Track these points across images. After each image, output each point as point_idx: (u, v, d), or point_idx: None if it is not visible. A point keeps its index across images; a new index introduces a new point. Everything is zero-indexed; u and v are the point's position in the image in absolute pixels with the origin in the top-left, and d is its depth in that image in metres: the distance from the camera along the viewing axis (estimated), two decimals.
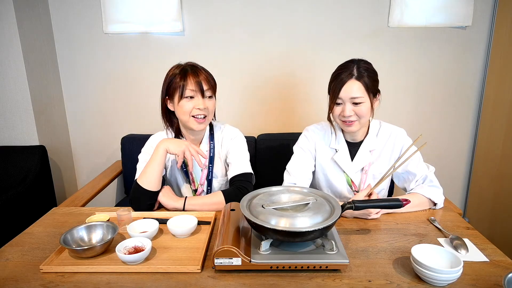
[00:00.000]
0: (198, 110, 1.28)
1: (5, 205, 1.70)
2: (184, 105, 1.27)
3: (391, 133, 1.36)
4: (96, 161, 2.38)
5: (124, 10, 2.08)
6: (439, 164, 2.33)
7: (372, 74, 1.25)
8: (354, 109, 1.23)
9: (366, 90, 1.22)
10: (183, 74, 1.27)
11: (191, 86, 1.26)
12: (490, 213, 2.18)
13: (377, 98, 1.29)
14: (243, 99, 2.22)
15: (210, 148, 1.41)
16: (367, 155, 1.34)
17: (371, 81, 1.23)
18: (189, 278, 0.88)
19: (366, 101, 1.23)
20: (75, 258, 0.95)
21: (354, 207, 1.01)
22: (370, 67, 1.26)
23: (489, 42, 2.10)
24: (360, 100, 1.22)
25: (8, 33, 1.88)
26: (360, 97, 1.21)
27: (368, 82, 1.22)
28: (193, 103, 1.27)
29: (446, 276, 0.81)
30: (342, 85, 1.22)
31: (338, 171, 1.37)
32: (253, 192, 1.05)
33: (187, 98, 1.27)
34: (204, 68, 1.34)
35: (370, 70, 1.24)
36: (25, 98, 1.97)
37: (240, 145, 1.43)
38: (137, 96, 2.25)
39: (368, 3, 2.07)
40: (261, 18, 2.10)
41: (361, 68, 1.23)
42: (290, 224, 0.87)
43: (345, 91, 1.22)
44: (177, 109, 1.30)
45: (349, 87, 1.21)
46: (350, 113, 1.23)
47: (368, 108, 1.24)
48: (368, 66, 1.25)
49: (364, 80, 1.21)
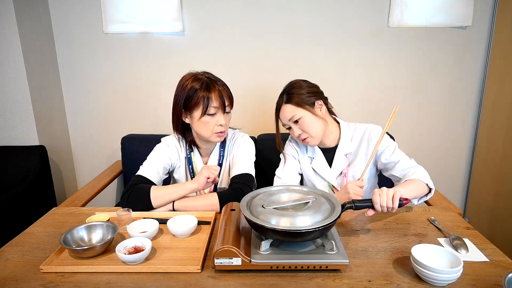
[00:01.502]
0: (220, 127, 1.28)
1: (5, 205, 1.70)
2: (207, 121, 1.26)
3: (365, 131, 1.36)
4: (96, 161, 2.38)
5: (124, 10, 2.08)
6: (439, 164, 2.34)
7: (300, 89, 1.31)
8: (299, 127, 1.31)
9: (299, 106, 1.29)
10: (206, 89, 1.23)
11: (215, 104, 1.24)
12: (490, 213, 2.18)
13: (317, 105, 1.33)
14: (243, 99, 2.22)
15: (219, 156, 1.42)
16: (343, 159, 1.37)
17: (300, 95, 1.30)
18: (189, 278, 0.88)
19: (304, 115, 1.29)
20: (75, 258, 0.95)
21: (354, 206, 1.01)
22: (297, 84, 1.33)
23: (489, 42, 2.10)
24: (297, 117, 1.29)
25: (8, 33, 1.88)
26: (295, 115, 1.29)
27: (297, 98, 1.29)
28: (215, 119, 1.27)
29: (446, 276, 0.81)
30: (279, 112, 1.34)
31: (318, 177, 1.41)
32: (253, 192, 1.05)
33: (210, 115, 1.25)
34: (221, 80, 1.31)
35: (296, 87, 1.32)
36: (25, 98, 1.97)
37: (245, 148, 1.43)
38: (137, 96, 2.25)
39: (368, 3, 2.07)
40: (261, 18, 2.10)
41: (289, 91, 1.32)
42: (290, 223, 0.87)
43: (283, 116, 1.33)
44: (197, 124, 1.28)
45: (283, 112, 1.32)
46: (298, 132, 1.32)
47: (311, 119, 1.30)
48: (294, 85, 1.33)
49: (293, 99, 1.30)
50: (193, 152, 1.40)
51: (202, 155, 1.42)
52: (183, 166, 1.42)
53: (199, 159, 1.40)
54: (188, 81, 1.26)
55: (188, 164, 1.40)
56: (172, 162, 1.41)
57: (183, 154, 1.42)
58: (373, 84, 2.20)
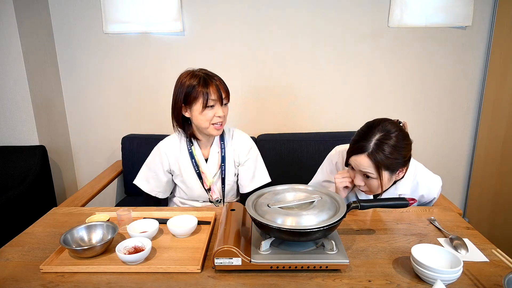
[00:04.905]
0: (218, 118, 1.34)
1: (5, 205, 1.70)
2: (206, 114, 1.32)
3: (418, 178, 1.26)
4: (96, 161, 2.38)
5: (124, 10, 2.08)
6: (439, 164, 2.34)
7: (395, 153, 1.07)
8: (365, 181, 1.14)
9: (380, 168, 1.08)
10: (204, 84, 1.30)
11: (213, 96, 1.30)
12: (490, 213, 2.18)
13: (399, 171, 1.13)
14: (243, 99, 2.23)
15: (221, 149, 1.46)
16: None
17: (389, 159, 1.07)
18: (189, 278, 0.88)
19: (378, 177, 1.10)
20: (75, 258, 0.95)
21: (359, 206, 1.00)
22: (396, 144, 1.07)
23: (489, 42, 2.10)
24: (370, 175, 1.11)
25: (8, 33, 1.88)
26: (370, 173, 1.10)
27: (385, 162, 1.07)
28: (213, 111, 1.32)
29: (446, 276, 0.81)
30: (355, 152, 1.11)
31: None
32: (258, 192, 1.05)
33: (209, 108, 1.31)
34: (217, 75, 1.37)
35: (392, 147, 1.07)
36: (25, 98, 1.97)
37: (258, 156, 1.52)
38: (137, 96, 2.25)
39: (368, 3, 2.07)
40: (261, 18, 2.10)
41: (381, 145, 1.07)
42: (296, 222, 0.88)
43: (355, 162, 1.12)
44: (197, 117, 1.33)
45: (358, 161, 1.10)
46: (361, 183, 1.15)
47: (378, 184, 1.12)
48: (391, 142, 1.07)
49: (379, 159, 1.07)
50: (193, 146, 1.44)
51: (201, 148, 1.46)
52: (188, 161, 1.44)
53: (199, 152, 1.45)
54: (186, 78, 1.33)
55: (191, 158, 1.44)
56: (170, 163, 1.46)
57: (185, 150, 1.45)
58: (373, 84, 2.20)
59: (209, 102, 1.30)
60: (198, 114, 1.32)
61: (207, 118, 1.32)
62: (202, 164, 1.44)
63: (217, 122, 1.35)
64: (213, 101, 1.31)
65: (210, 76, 1.34)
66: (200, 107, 1.31)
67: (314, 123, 2.27)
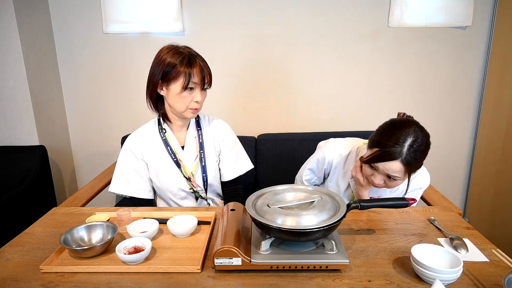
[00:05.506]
0: (195, 104, 1.25)
1: (5, 205, 1.70)
2: (185, 96, 1.22)
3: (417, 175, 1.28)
4: (96, 161, 2.38)
5: (124, 10, 2.08)
6: (439, 164, 2.34)
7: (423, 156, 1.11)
8: (388, 182, 1.17)
9: (410, 173, 1.12)
10: (188, 64, 1.20)
11: (195, 78, 1.21)
12: (490, 213, 2.18)
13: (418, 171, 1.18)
14: (243, 99, 2.22)
15: (198, 135, 1.37)
16: None
17: (421, 162, 1.11)
18: (189, 278, 0.88)
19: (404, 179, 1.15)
20: (75, 258, 0.95)
21: (359, 206, 1.00)
22: (427, 147, 1.11)
23: (489, 42, 2.10)
24: (397, 178, 1.13)
25: (8, 33, 1.88)
26: (398, 176, 1.12)
27: (417, 167, 1.12)
28: (191, 95, 1.23)
29: (446, 276, 0.81)
30: (386, 157, 1.10)
31: None
32: (258, 192, 1.05)
33: (188, 90, 1.22)
34: (202, 56, 1.28)
35: (422, 152, 1.10)
36: (25, 98, 1.97)
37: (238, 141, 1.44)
38: (137, 96, 2.25)
39: (368, 3, 2.07)
40: (261, 18, 2.10)
41: (417, 152, 1.08)
42: (296, 222, 0.87)
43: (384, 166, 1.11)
44: (174, 98, 1.23)
45: (391, 166, 1.10)
46: (381, 183, 1.17)
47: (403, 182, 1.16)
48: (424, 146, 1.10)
49: (412, 166, 1.10)
50: (166, 133, 1.35)
51: (175, 132, 1.37)
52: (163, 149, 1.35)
53: (173, 138, 1.35)
54: (169, 54, 1.22)
55: (166, 146, 1.35)
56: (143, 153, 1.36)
57: (158, 139, 1.36)
58: (373, 84, 2.20)
59: (190, 84, 1.20)
60: (175, 95, 1.22)
61: (184, 101, 1.23)
62: (179, 151, 1.34)
63: (194, 107, 1.25)
64: (194, 84, 1.21)
65: (195, 56, 1.23)
66: (179, 88, 1.20)
67: (314, 123, 2.27)
